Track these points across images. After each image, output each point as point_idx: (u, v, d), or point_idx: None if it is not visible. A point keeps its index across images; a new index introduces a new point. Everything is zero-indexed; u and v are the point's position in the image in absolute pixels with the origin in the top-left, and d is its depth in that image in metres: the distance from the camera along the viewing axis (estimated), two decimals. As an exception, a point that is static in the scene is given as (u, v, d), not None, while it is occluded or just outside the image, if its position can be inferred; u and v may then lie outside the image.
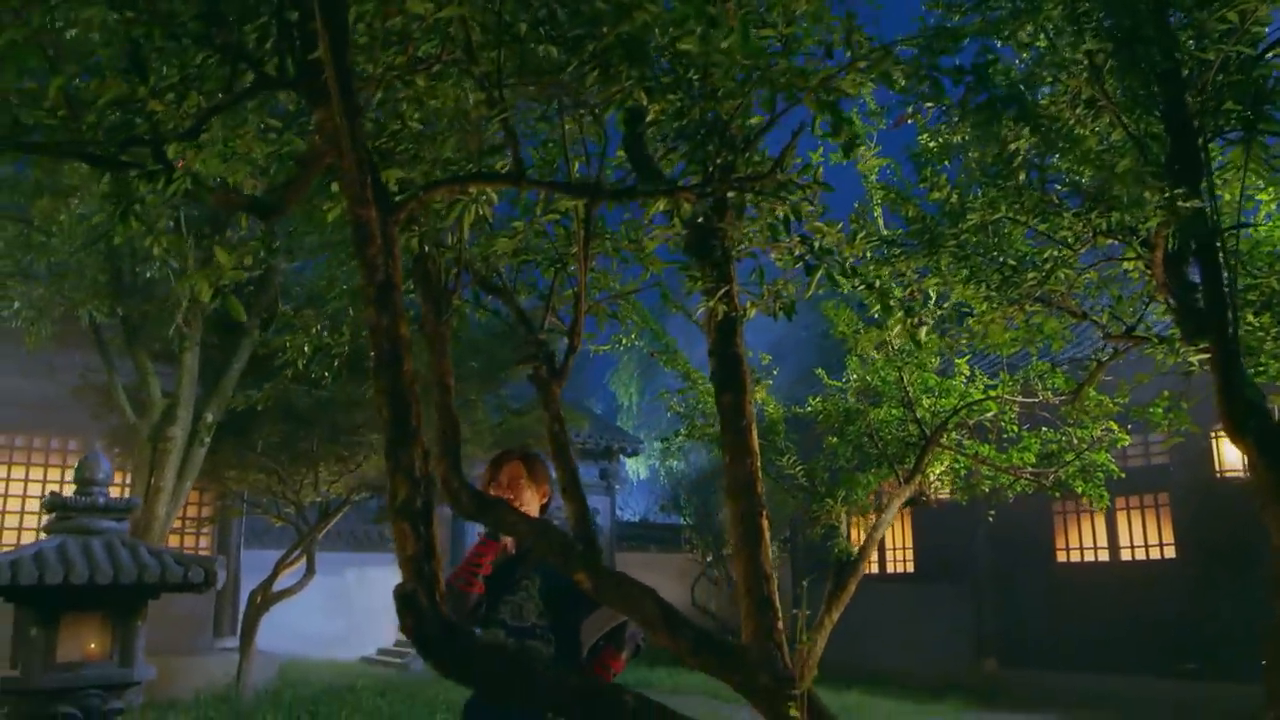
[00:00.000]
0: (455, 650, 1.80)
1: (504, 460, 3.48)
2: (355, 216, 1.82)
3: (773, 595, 2.75)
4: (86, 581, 4.39)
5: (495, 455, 3.55)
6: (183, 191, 2.06)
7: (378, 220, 1.85)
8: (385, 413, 1.87)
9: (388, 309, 1.89)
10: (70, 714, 4.46)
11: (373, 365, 1.90)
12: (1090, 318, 4.14)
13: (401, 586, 1.80)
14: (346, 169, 1.79)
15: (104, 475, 4.85)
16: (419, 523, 1.84)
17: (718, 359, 2.91)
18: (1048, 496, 11.83)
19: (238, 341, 8.55)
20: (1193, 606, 11.21)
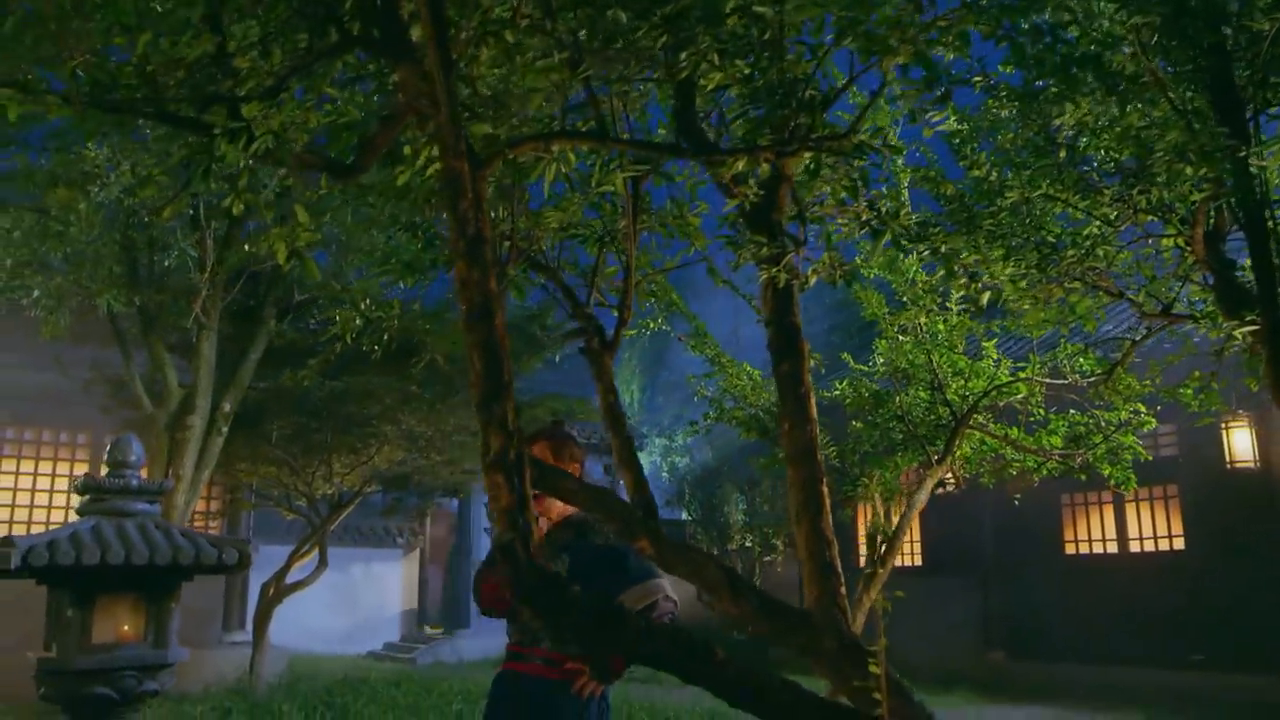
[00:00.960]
0: (553, 599, 1.81)
1: (529, 443, 3.43)
2: (449, 169, 1.83)
3: (834, 560, 2.76)
4: (122, 562, 4.39)
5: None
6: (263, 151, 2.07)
7: (469, 174, 1.86)
8: (477, 365, 1.88)
9: (478, 263, 1.90)
10: (105, 695, 4.46)
11: (464, 318, 1.91)
12: (1127, 296, 4.15)
13: (500, 536, 1.81)
14: (441, 122, 1.80)
15: (136, 458, 4.85)
16: (512, 475, 1.85)
17: (775, 328, 2.92)
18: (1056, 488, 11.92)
19: (254, 331, 8.54)
20: (1201, 598, 11.24)
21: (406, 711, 8.72)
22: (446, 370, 9.41)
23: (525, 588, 1.79)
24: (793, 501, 2.79)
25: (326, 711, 8.56)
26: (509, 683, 3.36)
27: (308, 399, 9.45)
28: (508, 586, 1.80)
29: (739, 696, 1.97)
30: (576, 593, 1.82)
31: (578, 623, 1.82)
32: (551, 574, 1.80)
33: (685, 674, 1.92)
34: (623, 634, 1.83)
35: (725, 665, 1.94)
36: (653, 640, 1.85)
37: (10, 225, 7.50)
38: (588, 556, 3.35)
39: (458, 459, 10.50)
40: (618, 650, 1.86)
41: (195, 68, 2.03)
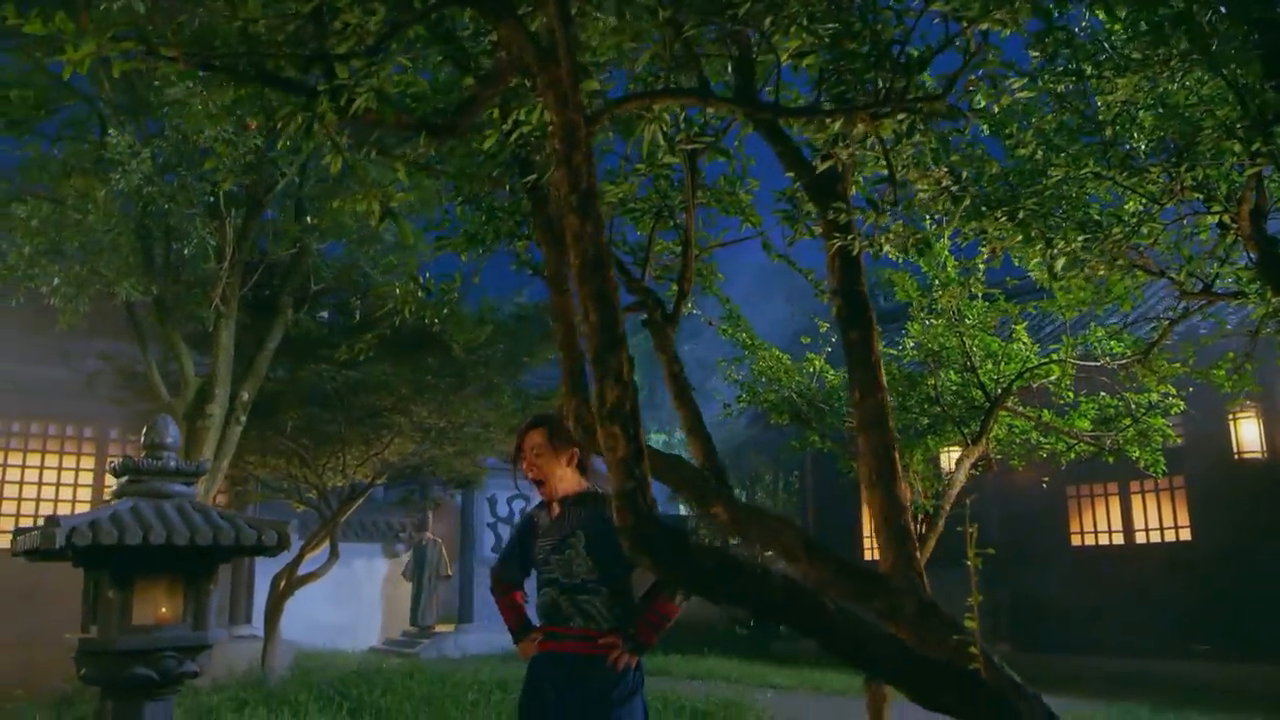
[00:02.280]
0: (672, 548, 1.82)
1: (525, 431, 3.58)
2: (566, 122, 1.84)
3: (909, 525, 2.79)
4: (164, 542, 4.38)
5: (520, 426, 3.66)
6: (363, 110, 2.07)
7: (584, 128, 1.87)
8: (593, 318, 1.89)
9: (590, 216, 1.91)
10: (146, 675, 4.46)
11: (578, 271, 1.92)
12: (1168, 275, 4.18)
13: (622, 485, 1.82)
14: (560, 75, 1.81)
15: (172, 440, 4.83)
16: (629, 426, 1.86)
17: (843, 297, 2.95)
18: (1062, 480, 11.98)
19: (271, 320, 8.53)
20: (1208, 589, 11.31)
21: (422, 702, 8.72)
22: (462, 360, 9.43)
23: (645, 536, 1.81)
24: (865, 469, 2.81)
25: (343, 702, 8.55)
26: (546, 662, 3.43)
27: (321, 390, 9.44)
28: (626, 535, 1.81)
29: (845, 648, 1.99)
30: (695, 542, 1.83)
31: (696, 571, 1.84)
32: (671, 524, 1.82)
33: (795, 624, 1.94)
34: (738, 583, 1.85)
35: (834, 618, 1.96)
36: (766, 590, 1.87)
37: (28, 214, 7.48)
38: (605, 530, 3.41)
39: (470, 450, 10.50)
40: (734, 600, 1.87)
41: (297, 28, 2.03)
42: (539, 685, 3.40)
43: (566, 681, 3.31)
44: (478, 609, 16.80)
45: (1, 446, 11.99)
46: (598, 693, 3.26)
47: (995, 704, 2.11)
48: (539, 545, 3.52)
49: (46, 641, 11.14)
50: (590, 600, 3.36)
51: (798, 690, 11.50)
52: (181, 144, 7.38)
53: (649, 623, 3.38)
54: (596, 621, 3.34)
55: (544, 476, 3.46)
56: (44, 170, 8.31)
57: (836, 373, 5.69)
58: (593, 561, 3.37)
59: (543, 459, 3.45)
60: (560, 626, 3.38)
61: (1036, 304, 4.98)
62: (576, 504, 3.51)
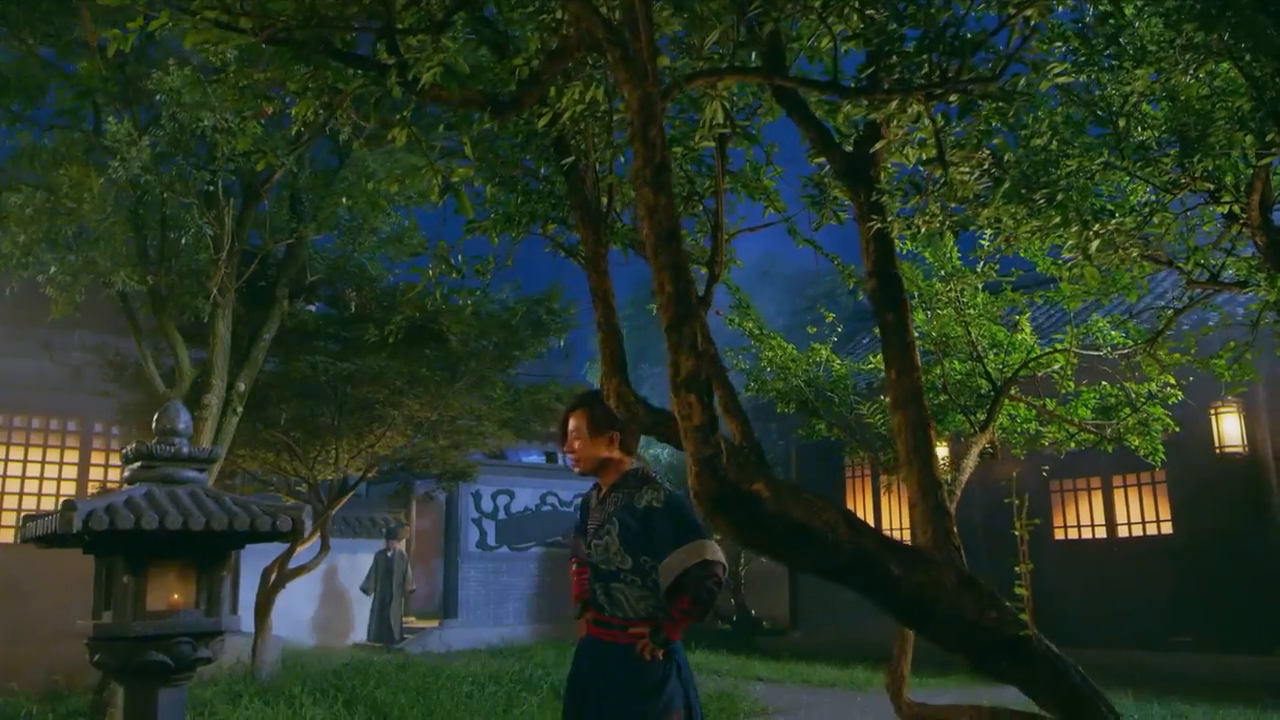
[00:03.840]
0: (748, 513, 1.86)
1: (568, 411, 3.54)
2: (643, 95, 1.88)
3: (945, 501, 2.84)
4: (180, 527, 4.37)
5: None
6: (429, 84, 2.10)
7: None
8: (668, 288, 1.93)
9: (664, 189, 1.95)
10: (161, 661, 4.44)
11: (652, 243, 1.95)
12: (1175, 264, 4.27)
13: (700, 451, 1.86)
14: (639, 48, 1.85)
15: (184, 426, 4.82)
16: (704, 394, 1.90)
17: (878, 279, 3.00)
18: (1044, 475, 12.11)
19: (267, 311, 8.50)
20: (1189, 581, 11.50)
21: (417, 694, 8.72)
22: (455, 353, 9.43)
23: (723, 501, 1.85)
24: (901, 446, 2.86)
25: (337, 695, 8.53)
26: (586, 646, 3.46)
27: (314, 382, 9.42)
28: (705, 499, 1.85)
29: (907, 612, 2.04)
30: (770, 508, 1.87)
31: (771, 535, 1.88)
32: (748, 490, 1.86)
33: (862, 589, 1.99)
34: (810, 549, 1.89)
35: (899, 583, 2.01)
36: (837, 556, 1.91)
37: (22, 202, 7.41)
38: (635, 521, 3.41)
39: (463, 443, 10.50)
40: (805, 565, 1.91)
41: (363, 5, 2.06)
42: (577, 668, 3.45)
43: (598, 668, 3.34)
44: (462, 604, 16.78)
45: (-16, 440, 11.87)
46: (625, 682, 3.27)
47: (1047, 668, 2.17)
48: (587, 528, 3.54)
49: (29, 637, 11.06)
50: (621, 589, 3.36)
51: (786, 683, 11.59)
52: (179, 133, 7.34)
53: (673, 618, 3.33)
54: (624, 610, 3.34)
55: (581, 459, 3.45)
56: (35, 159, 8.24)
57: (843, 362, 5.76)
58: (624, 551, 3.36)
59: (581, 441, 3.42)
60: (597, 613, 3.42)
61: (1044, 294, 5.06)
62: (614, 490, 3.49)
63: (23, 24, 8.05)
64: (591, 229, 3.04)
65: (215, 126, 7.09)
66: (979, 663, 2.08)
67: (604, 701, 3.26)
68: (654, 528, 3.37)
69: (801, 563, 1.90)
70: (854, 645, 14.18)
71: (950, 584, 2.67)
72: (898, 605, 1.99)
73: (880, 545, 2.68)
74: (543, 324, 10.07)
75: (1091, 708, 2.15)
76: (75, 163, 7.82)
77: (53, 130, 8.64)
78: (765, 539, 1.86)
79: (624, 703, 3.25)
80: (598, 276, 3.04)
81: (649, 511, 3.39)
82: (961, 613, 2.06)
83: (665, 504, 3.43)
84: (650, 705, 3.26)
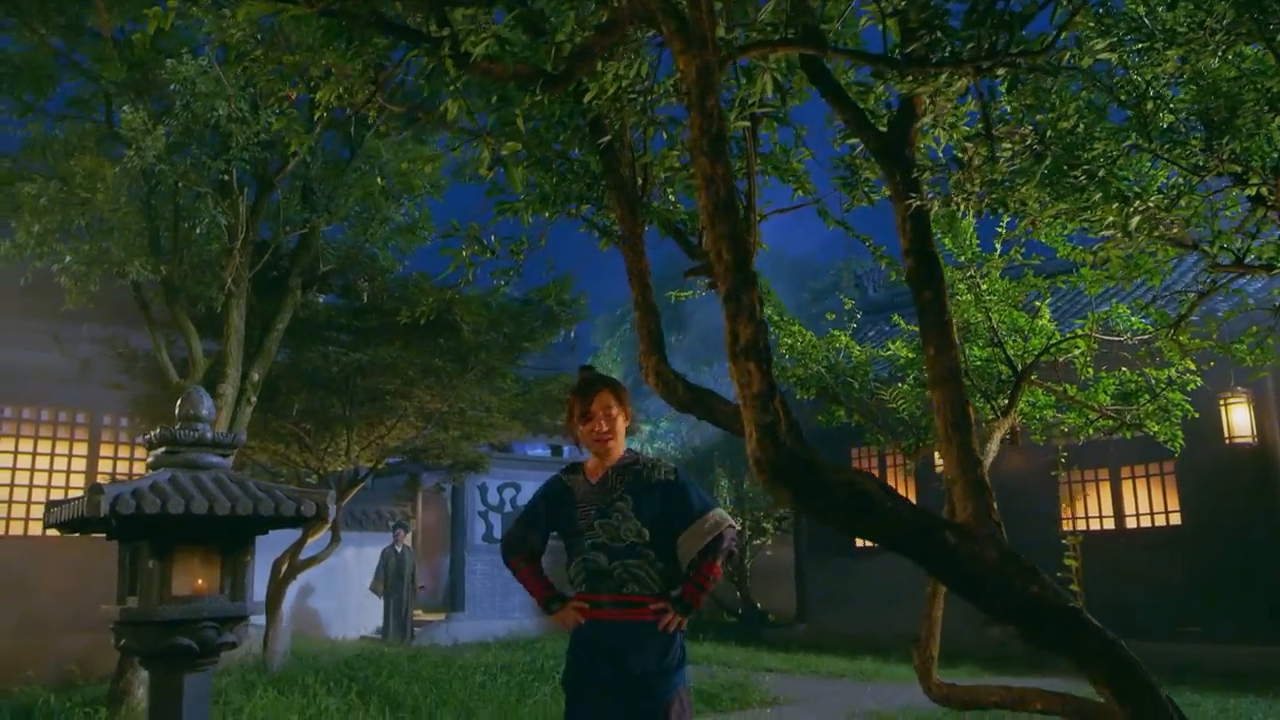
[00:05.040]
0: (806, 480, 1.87)
1: (593, 390, 3.45)
2: (702, 64, 1.88)
3: (984, 477, 2.84)
4: (206, 512, 4.38)
5: (579, 384, 3.52)
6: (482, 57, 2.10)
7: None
8: (726, 257, 1.93)
9: (721, 159, 1.95)
10: (187, 645, 4.45)
11: (709, 213, 1.96)
12: (1201, 248, 4.27)
13: (760, 418, 1.86)
14: (698, 15, 1.85)
15: (207, 411, 4.82)
16: (763, 362, 1.91)
17: (915, 257, 3.00)
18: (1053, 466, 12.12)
19: (279, 302, 8.50)
20: (1198, 572, 11.52)
21: (429, 684, 8.73)
22: (465, 344, 9.43)
23: (783, 469, 1.85)
24: (940, 423, 2.86)
25: (351, 684, 8.55)
26: (600, 631, 3.35)
27: (325, 373, 9.42)
28: (766, 467, 1.86)
29: (962, 581, 2.05)
30: (832, 476, 1.88)
31: (832, 503, 1.88)
32: (808, 456, 1.86)
33: (919, 557, 2.00)
34: (872, 517, 1.90)
35: (955, 551, 2.02)
36: (896, 522, 1.92)
37: (36, 192, 7.41)
38: (649, 493, 3.41)
39: (473, 434, 10.50)
40: (864, 533, 1.91)
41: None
42: (593, 656, 3.32)
43: (625, 652, 3.25)
44: (469, 597, 16.80)
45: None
46: (655, 662, 3.24)
47: (1096, 639, 2.18)
48: (579, 511, 3.44)
49: (39, 629, 11.08)
50: (640, 564, 3.32)
51: (795, 674, 11.61)
52: (193, 122, 7.33)
53: (696, 584, 3.35)
54: (647, 586, 3.32)
55: (617, 439, 3.43)
56: (47, 149, 8.24)
57: (861, 349, 5.77)
58: (640, 525, 3.35)
59: (615, 420, 3.41)
60: (611, 594, 3.32)
61: (1066, 279, 5.06)
62: (618, 470, 3.46)
63: (35, 14, 8.05)
64: (628, 208, 3.04)
65: (230, 116, 7.09)
66: (1030, 633, 2.08)
67: (632, 682, 3.20)
68: (671, 500, 3.40)
69: (863, 530, 1.91)
70: (860, 637, 14.22)
71: (992, 559, 2.68)
72: (953, 574, 1.99)
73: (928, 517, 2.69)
74: (553, 315, 10.07)
75: (1139, 678, 2.15)
76: (88, 153, 7.82)
77: (64, 121, 8.64)
78: (827, 506, 1.87)
79: (652, 681, 3.22)
80: (634, 255, 3.04)
81: (666, 485, 3.42)
82: (1011, 584, 2.06)
83: (678, 477, 3.47)
84: (677, 678, 3.30)
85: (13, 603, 11.13)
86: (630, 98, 2.97)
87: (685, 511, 3.37)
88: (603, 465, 3.50)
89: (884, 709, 8.56)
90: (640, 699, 3.20)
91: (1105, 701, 2.29)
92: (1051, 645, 2.14)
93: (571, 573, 3.44)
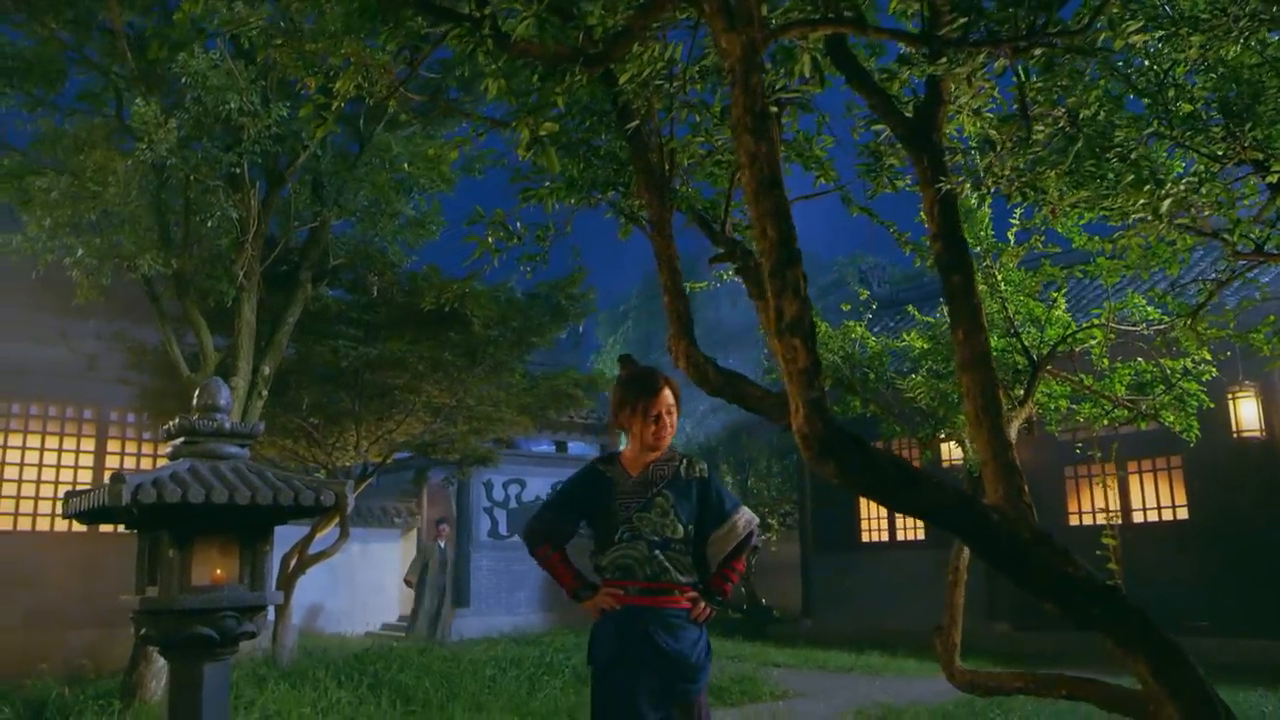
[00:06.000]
0: (854, 456, 1.87)
1: (658, 388, 3.46)
2: (747, 41, 1.88)
3: (1015, 460, 2.85)
4: (226, 501, 4.38)
5: (635, 377, 3.52)
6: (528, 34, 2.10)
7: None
8: (771, 234, 1.93)
9: (764, 136, 1.95)
10: (207, 635, 4.45)
11: (752, 190, 1.96)
12: (1221, 235, 4.27)
13: (808, 394, 1.86)
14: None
15: (225, 402, 4.83)
16: (808, 338, 1.91)
17: (944, 241, 3.00)
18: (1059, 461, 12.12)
19: (290, 296, 8.50)
20: (1205, 566, 11.52)
21: (441, 678, 8.73)
22: (475, 338, 9.44)
23: (831, 444, 1.85)
24: (971, 407, 2.86)
25: (362, 679, 8.55)
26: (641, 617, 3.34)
27: (334, 367, 9.42)
28: (814, 442, 1.86)
29: (1004, 558, 2.05)
30: (879, 451, 1.88)
31: (879, 479, 1.88)
32: (854, 433, 1.86)
33: (964, 533, 2.00)
34: (920, 492, 1.90)
35: (998, 528, 2.02)
36: (943, 498, 1.92)
37: (47, 186, 7.42)
38: (688, 489, 3.49)
39: (482, 429, 10.50)
40: (910, 509, 1.92)
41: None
42: (626, 636, 3.31)
43: (659, 635, 3.28)
44: (474, 593, 16.81)
45: (1, 428, 11.86)
46: (689, 649, 3.31)
47: (1138, 619, 2.18)
48: (619, 502, 3.45)
49: (47, 623, 11.08)
50: (674, 556, 3.38)
51: (803, 668, 11.62)
52: (204, 116, 7.33)
53: (724, 576, 3.48)
54: (687, 576, 3.39)
55: (670, 435, 3.47)
56: (57, 144, 8.24)
57: (876, 339, 5.77)
58: (677, 521, 3.41)
59: (672, 417, 3.44)
60: (652, 582, 3.34)
61: (1083, 268, 5.06)
62: (661, 464, 3.51)
63: (44, 8, 8.05)
64: (656, 193, 3.05)
65: (242, 109, 7.09)
66: (1071, 611, 2.09)
67: (668, 662, 3.24)
68: (705, 498, 3.50)
69: (909, 504, 1.91)
70: (866, 633, 14.23)
71: (1025, 540, 2.69)
72: (997, 551, 1.99)
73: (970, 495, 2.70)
74: (561, 309, 10.07)
75: (1181, 659, 2.16)
76: (98, 147, 7.82)
77: (74, 115, 8.64)
78: (874, 481, 1.87)
79: (685, 666, 3.27)
80: (662, 240, 3.04)
81: (701, 484, 3.51)
82: (1057, 563, 2.07)
83: (710, 475, 3.59)
84: (706, 664, 3.40)
85: (21, 597, 11.15)
86: (658, 84, 2.97)
87: (719, 512, 3.48)
88: (642, 459, 3.53)
89: (895, 701, 8.57)
90: (675, 679, 3.24)
91: (1144, 683, 2.30)
92: (1094, 624, 2.15)
93: (605, 561, 3.43)
